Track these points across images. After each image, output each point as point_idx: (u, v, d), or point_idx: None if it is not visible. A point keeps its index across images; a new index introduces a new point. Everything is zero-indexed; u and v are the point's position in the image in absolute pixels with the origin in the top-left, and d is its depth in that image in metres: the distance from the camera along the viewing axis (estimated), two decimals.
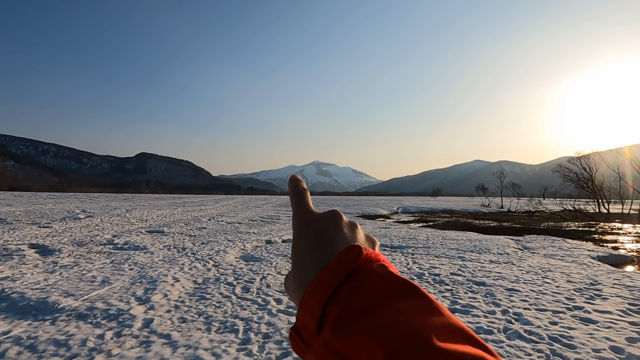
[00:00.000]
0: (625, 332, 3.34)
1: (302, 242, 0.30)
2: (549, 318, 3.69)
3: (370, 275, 0.30)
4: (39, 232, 9.63)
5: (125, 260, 6.24)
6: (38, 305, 3.81)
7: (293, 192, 0.33)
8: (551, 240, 10.44)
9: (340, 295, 0.30)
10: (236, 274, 5.46)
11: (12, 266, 5.71)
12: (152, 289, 4.40)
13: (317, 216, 0.30)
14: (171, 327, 3.33)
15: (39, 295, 4.09)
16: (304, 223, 0.30)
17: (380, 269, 0.30)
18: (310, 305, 0.30)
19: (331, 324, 0.30)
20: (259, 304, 4.04)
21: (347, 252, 0.30)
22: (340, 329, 0.30)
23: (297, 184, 0.34)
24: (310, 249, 0.30)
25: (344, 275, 0.30)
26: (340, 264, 0.30)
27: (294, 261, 0.30)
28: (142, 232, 10.52)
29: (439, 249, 8.33)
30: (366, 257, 0.30)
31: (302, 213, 0.31)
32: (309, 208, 0.31)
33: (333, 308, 0.30)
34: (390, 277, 0.30)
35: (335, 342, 0.30)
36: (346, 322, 0.30)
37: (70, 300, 3.92)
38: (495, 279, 5.38)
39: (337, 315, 0.30)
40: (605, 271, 6.14)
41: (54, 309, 3.69)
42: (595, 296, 4.52)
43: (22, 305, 3.81)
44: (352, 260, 0.30)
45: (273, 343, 3.01)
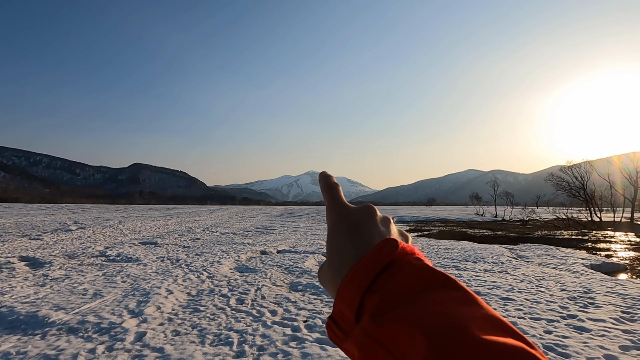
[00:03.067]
0: (618, 340, 3.36)
1: (337, 233, 0.31)
2: (544, 327, 3.71)
3: (407, 267, 0.31)
4: (30, 245, 9.47)
5: (118, 273, 6.15)
6: (28, 319, 3.73)
7: (325, 186, 0.33)
8: (545, 249, 10.51)
9: (378, 286, 0.31)
10: (230, 285, 5.41)
11: (1, 279, 5.60)
12: (145, 302, 4.34)
13: (352, 209, 0.32)
14: (164, 340, 3.29)
15: (29, 309, 4.01)
16: (339, 215, 0.31)
17: (417, 262, 0.32)
18: (348, 295, 0.31)
19: (370, 312, 0.31)
20: (253, 316, 4.00)
21: (383, 244, 0.31)
22: (381, 317, 0.31)
23: (328, 179, 0.34)
24: (346, 240, 0.31)
25: (382, 267, 0.31)
26: (377, 255, 0.31)
27: (329, 252, 0.31)
28: (135, 243, 10.40)
29: (434, 258, 8.34)
30: (402, 250, 0.32)
31: (337, 206, 0.32)
32: (342, 201, 0.32)
33: (371, 298, 0.31)
34: (427, 269, 0.32)
35: (375, 330, 0.31)
36: (386, 311, 0.31)
37: (61, 314, 3.85)
38: (490, 288, 5.39)
39: (376, 304, 0.31)
40: (598, 279, 6.19)
41: (44, 323, 3.62)
42: (589, 304, 4.55)
43: (11, 319, 3.73)
44: (389, 253, 0.31)
45: (268, 355, 2.98)
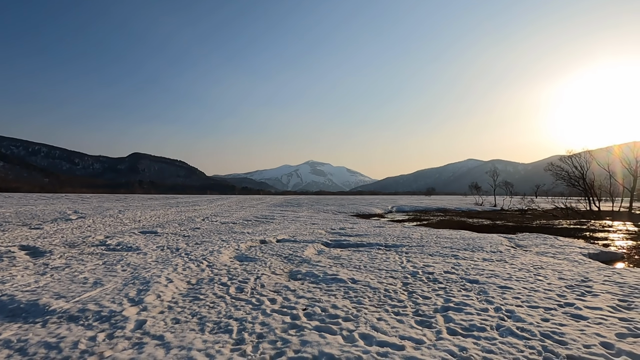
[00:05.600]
0: (615, 328, 3.39)
1: None
2: (541, 315, 3.74)
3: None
4: (30, 234, 9.49)
5: (118, 262, 6.18)
6: (28, 307, 3.75)
7: None
8: (543, 238, 10.56)
9: None
10: (230, 274, 5.44)
11: (2, 268, 5.62)
12: (145, 290, 4.36)
13: None
14: (164, 328, 3.31)
15: (30, 297, 4.03)
16: None
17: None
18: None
19: None
20: (253, 304, 4.03)
21: None
22: None
23: None
24: None
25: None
26: None
27: None
28: (135, 232, 10.43)
29: (433, 247, 8.37)
30: None
31: None
32: None
33: None
34: None
35: None
36: None
37: (61, 302, 3.87)
38: (489, 276, 5.42)
39: None
40: (596, 268, 6.22)
41: (45, 311, 3.64)
42: (586, 293, 4.58)
43: (12, 307, 3.75)
44: None
45: (267, 343, 3.00)
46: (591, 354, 2.84)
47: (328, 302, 4.12)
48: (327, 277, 5.30)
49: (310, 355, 2.77)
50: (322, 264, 6.34)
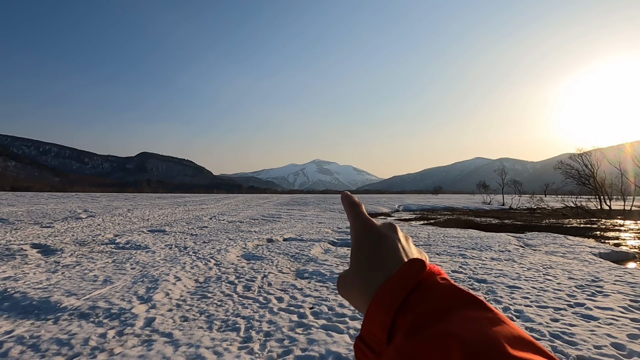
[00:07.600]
0: (626, 328, 3.34)
1: (363, 244, 0.31)
2: (551, 315, 3.69)
3: (436, 286, 0.31)
4: (41, 232, 9.66)
5: (127, 260, 6.26)
6: (40, 304, 3.82)
7: (348, 205, 0.35)
8: (553, 238, 10.43)
9: (409, 306, 0.31)
10: (237, 272, 5.48)
11: (15, 266, 5.73)
12: (153, 288, 4.41)
13: (376, 224, 0.32)
14: (173, 325, 3.35)
15: (41, 294, 4.11)
16: (365, 228, 0.32)
17: (444, 282, 0.31)
18: (378, 314, 0.31)
19: (404, 331, 0.31)
20: (260, 303, 4.05)
21: (411, 264, 0.31)
22: (415, 335, 0.31)
23: (350, 198, 0.36)
24: (372, 251, 0.31)
25: (412, 287, 0.31)
26: (406, 275, 0.31)
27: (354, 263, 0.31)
28: (143, 231, 10.55)
29: (440, 246, 8.32)
30: (429, 270, 0.31)
31: (362, 221, 0.32)
32: (366, 217, 0.33)
33: (404, 317, 0.31)
34: (456, 289, 0.31)
35: (410, 349, 0.31)
36: (420, 329, 0.31)
37: (72, 300, 3.94)
38: (497, 276, 5.37)
39: (409, 323, 0.31)
40: (606, 268, 6.13)
41: (56, 308, 3.71)
42: (597, 293, 4.52)
43: (24, 304, 3.83)
44: (417, 273, 0.31)
45: (274, 341, 3.01)
46: (602, 355, 2.80)
47: (335, 300, 4.12)
48: (334, 275, 5.30)
49: (317, 353, 2.78)
50: (328, 262, 6.34)
